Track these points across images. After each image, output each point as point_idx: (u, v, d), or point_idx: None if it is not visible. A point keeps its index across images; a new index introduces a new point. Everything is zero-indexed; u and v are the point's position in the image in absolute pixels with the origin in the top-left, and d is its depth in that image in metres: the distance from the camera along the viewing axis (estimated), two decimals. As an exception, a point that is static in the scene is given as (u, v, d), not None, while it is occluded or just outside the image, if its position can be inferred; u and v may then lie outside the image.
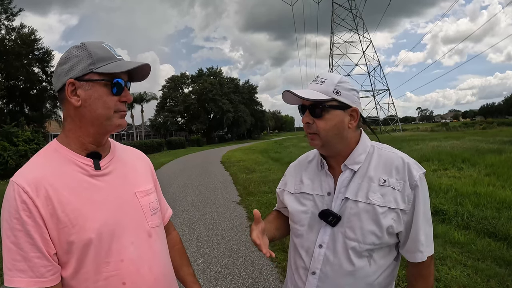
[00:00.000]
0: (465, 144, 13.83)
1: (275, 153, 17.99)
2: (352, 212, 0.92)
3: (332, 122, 0.93)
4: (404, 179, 0.91)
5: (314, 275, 0.96)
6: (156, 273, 0.90)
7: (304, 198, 1.03)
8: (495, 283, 2.71)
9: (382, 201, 0.90)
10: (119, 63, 0.83)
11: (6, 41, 19.51)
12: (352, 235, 0.91)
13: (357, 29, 54.80)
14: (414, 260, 0.95)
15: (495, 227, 3.93)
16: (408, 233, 0.93)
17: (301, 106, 1.00)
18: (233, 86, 52.54)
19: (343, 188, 0.96)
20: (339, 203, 0.95)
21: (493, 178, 6.71)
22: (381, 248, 0.93)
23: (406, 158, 0.95)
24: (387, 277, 0.97)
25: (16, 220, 0.74)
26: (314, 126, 0.95)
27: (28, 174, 0.79)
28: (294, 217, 1.03)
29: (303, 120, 0.98)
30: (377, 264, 0.94)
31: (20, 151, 13.04)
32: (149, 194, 0.96)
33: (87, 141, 0.85)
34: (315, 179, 1.03)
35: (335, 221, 0.93)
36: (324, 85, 0.94)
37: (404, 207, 0.90)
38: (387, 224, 0.90)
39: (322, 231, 0.96)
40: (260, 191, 7.07)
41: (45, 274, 0.75)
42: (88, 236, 0.79)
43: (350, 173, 0.97)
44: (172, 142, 33.59)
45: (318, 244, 0.96)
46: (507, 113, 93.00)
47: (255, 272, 3.29)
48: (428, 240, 0.94)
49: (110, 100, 0.83)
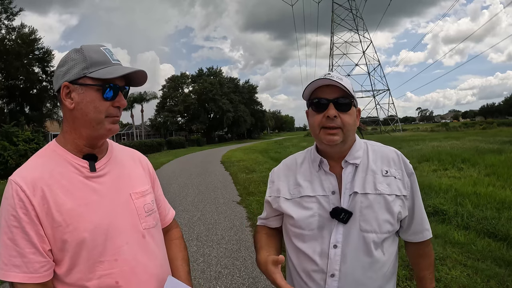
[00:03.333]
0: (465, 144, 13.85)
1: (275, 153, 17.99)
2: (363, 205, 0.94)
3: (353, 118, 0.97)
4: (401, 168, 1.00)
5: (334, 277, 0.93)
6: (150, 273, 0.91)
7: (306, 201, 0.99)
8: (495, 283, 2.71)
9: (389, 190, 0.96)
10: (113, 68, 0.84)
11: (6, 41, 19.53)
12: (369, 227, 0.93)
13: (357, 29, 54.87)
14: (423, 239, 1.03)
15: (495, 227, 3.93)
16: (412, 216, 1.01)
17: (320, 100, 0.95)
18: (233, 86, 52.60)
19: (349, 184, 0.96)
20: (347, 199, 0.95)
21: (493, 178, 6.72)
22: (390, 236, 0.97)
23: (397, 151, 1.04)
24: (394, 264, 1.01)
25: (13, 217, 0.77)
26: (339, 121, 0.94)
27: (26, 173, 0.81)
28: (301, 223, 0.98)
29: (330, 113, 0.93)
30: (388, 252, 0.97)
31: (20, 151, 13.03)
32: (145, 195, 0.96)
33: (81, 143, 0.87)
34: (313, 180, 1.00)
35: (347, 218, 0.93)
36: (344, 82, 0.94)
37: (406, 193, 0.98)
38: (397, 210, 0.95)
39: (335, 230, 0.94)
40: (260, 191, 7.06)
41: (39, 270, 0.78)
42: (81, 236, 0.80)
43: (352, 168, 0.98)
44: (172, 142, 33.60)
45: (333, 245, 0.94)
46: (507, 113, 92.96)
47: (255, 272, 3.28)
48: (427, 218, 1.05)
49: (102, 104, 0.84)
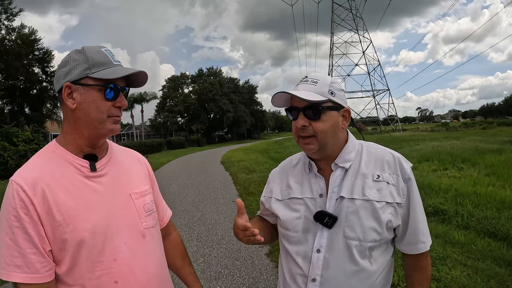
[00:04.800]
0: (465, 144, 13.83)
1: (275, 153, 17.98)
2: (349, 211, 0.90)
3: (329, 123, 0.92)
4: (397, 173, 0.92)
5: (315, 282, 0.92)
6: (149, 273, 0.92)
7: (294, 203, 0.99)
8: (495, 283, 2.71)
9: (379, 196, 0.90)
10: (114, 69, 0.86)
11: (6, 41, 19.51)
12: (353, 234, 0.89)
13: (357, 29, 54.89)
14: (416, 252, 0.96)
15: (495, 227, 3.94)
16: (406, 226, 0.93)
17: (291, 109, 0.95)
18: (233, 86, 52.54)
19: (336, 188, 0.93)
20: (333, 203, 0.92)
21: (493, 178, 6.73)
22: (380, 245, 0.92)
23: (395, 153, 0.97)
24: (386, 274, 0.96)
25: (14, 217, 0.78)
26: (311, 129, 0.92)
27: (27, 174, 0.82)
28: (287, 224, 0.98)
29: (298, 123, 0.92)
30: (377, 262, 0.92)
31: (20, 151, 13.03)
32: (145, 195, 0.98)
33: (82, 143, 0.88)
34: (303, 182, 1.00)
35: (332, 222, 0.90)
36: (318, 85, 0.92)
37: (400, 201, 0.91)
38: (386, 219, 0.90)
39: (319, 234, 0.92)
40: (260, 191, 7.03)
41: (40, 270, 0.79)
42: (81, 235, 0.81)
43: (342, 171, 0.95)
44: (172, 142, 33.57)
45: (316, 249, 0.92)
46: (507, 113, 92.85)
47: (255, 272, 3.29)
48: (426, 230, 0.96)
49: (104, 104, 0.85)
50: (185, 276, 1.14)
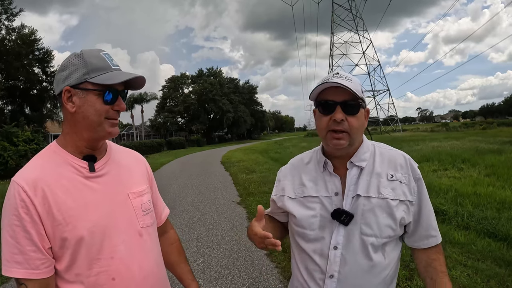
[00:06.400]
0: (465, 144, 13.84)
1: (275, 153, 18.00)
2: (366, 209, 0.93)
3: (361, 121, 0.96)
4: (408, 173, 0.97)
5: (332, 278, 0.94)
6: (146, 271, 0.94)
7: (309, 201, 1.00)
8: (495, 283, 2.71)
9: (393, 194, 0.94)
10: (112, 74, 0.88)
11: (6, 41, 19.51)
12: (369, 231, 0.92)
13: (357, 29, 54.87)
14: (429, 245, 1.00)
15: (495, 227, 3.94)
16: (418, 222, 0.98)
17: (327, 102, 0.94)
18: (233, 86, 52.59)
19: (353, 186, 0.96)
20: (350, 201, 0.94)
21: (493, 178, 6.72)
22: (392, 241, 0.96)
23: (406, 155, 1.02)
24: (395, 269, 1.00)
25: (15, 216, 0.80)
26: (346, 124, 0.92)
27: (28, 174, 0.85)
28: (303, 222, 0.99)
29: (337, 116, 0.91)
30: (390, 257, 0.96)
31: (20, 151, 13.03)
32: (142, 195, 1.00)
33: (82, 145, 0.90)
34: (318, 180, 1.01)
35: (348, 220, 0.93)
36: (353, 83, 0.92)
37: (411, 199, 0.96)
38: (400, 216, 0.94)
39: (336, 232, 0.94)
40: (260, 191, 7.07)
41: (40, 267, 0.82)
42: (80, 234, 0.84)
43: (357, 170, 0.97)
44: (172, 142, 33.59)
45: (333, 246, 0.94)
46: (507, 113, 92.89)
47: (255, 272, 3.29)
48: (436, 225, 1.01)
49: (102, 108, 0.87)
50: (181, 274, 1.16)
